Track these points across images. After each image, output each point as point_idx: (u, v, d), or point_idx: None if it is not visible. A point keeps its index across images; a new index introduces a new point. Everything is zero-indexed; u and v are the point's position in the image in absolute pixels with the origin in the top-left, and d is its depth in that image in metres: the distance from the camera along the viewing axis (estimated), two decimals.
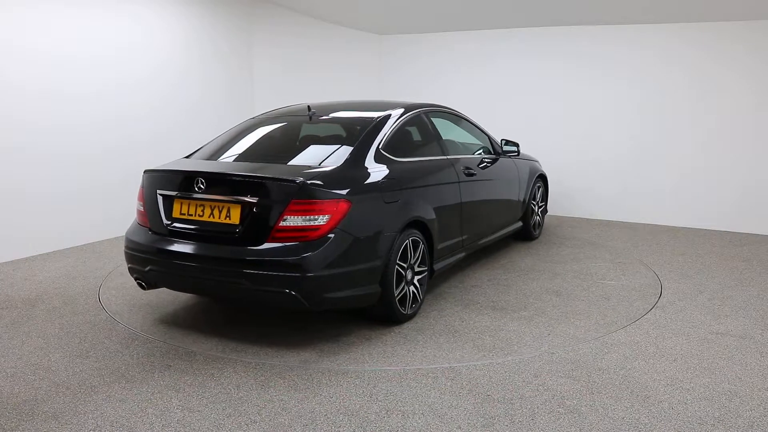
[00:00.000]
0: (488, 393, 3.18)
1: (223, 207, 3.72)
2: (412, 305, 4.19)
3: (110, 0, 6.25)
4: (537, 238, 6.67)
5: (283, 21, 8.16)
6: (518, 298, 4.66)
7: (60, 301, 4.61)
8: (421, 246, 4.23)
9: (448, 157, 4.91)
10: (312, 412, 3.00)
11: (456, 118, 5.53)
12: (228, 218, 3.69)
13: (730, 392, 3.19)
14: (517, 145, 5.94)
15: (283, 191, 3.57)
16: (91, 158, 6.20)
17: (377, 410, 3.01)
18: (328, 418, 2.94)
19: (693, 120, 7.38)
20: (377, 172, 4.04)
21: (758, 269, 5.56)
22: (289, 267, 3.48)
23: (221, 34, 7.47)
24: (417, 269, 4.23)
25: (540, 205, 6.72)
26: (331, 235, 3.57)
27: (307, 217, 3.54)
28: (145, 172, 4.10)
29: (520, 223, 6.26)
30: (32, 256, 5.81)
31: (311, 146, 4.38)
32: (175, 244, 3.80)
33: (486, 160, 5.53)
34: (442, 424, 2.88)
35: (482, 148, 5.72)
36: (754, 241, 6.66)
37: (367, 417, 2.95)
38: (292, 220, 3.54)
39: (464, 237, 4.95)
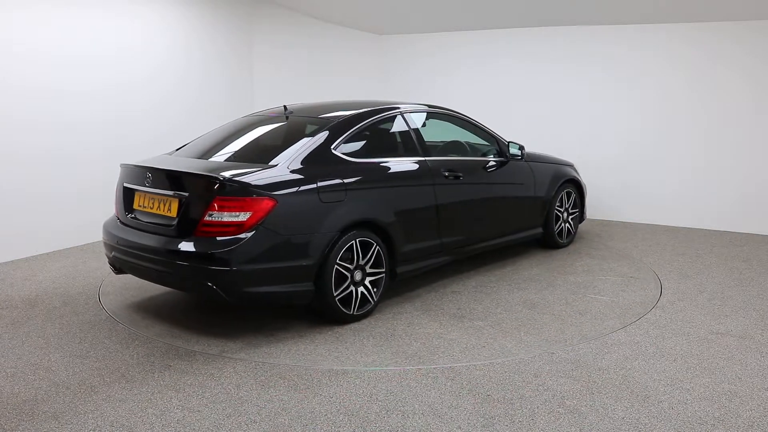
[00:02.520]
0: (488, 393, 3.19)
1: (167, 201, 3.97)
2: (360, 306, 4.18)
3: (110, 0, 6.25)
4: (565, 246, 6.26)
5: (283, 21, 8.16)
6: (487, 308, 4.47)
7: (60, 301, 4.61)
8: (375, 247, 4.22)
9: (425, 159, 4.76)
10: (312, 412, 3.00)
11: (455, 119, 5.41)
12: (169, 211, 3.94)
13: (730, 392, 3.20)
14: (521, 147, 5.65)
15: (209, 187, 3.77)
16: (91, 158, 6.20)
17: (377, 410, 3.01)
18: (328, 418, 2.94)
19: (693, 120, 7.38)
20: (319, 171, 4.05)
21: (758, 269, 5.56)
22: (210, 260, 3.66)
23: (221, 34, 7.47)
24: (369, 271, 4.22)
25: (571, 212, 6.31)
26: (253, 232, 3.68)
27: (230, 213, 3.69)
28: (121, 165, 4.45)
29: (539, 230, 5.95)
30: (32, 256, 5.81)
31: (269, 146, 4.43)
32: (131, 234, 4.12)
33: (486, 162, 5.39)
34: (442, 424, 2.88)
35: (488, 150, 5.54)
36: (754, 241, 6.66)
37: (367, 417, 2.95)
38: (217, 216, 3.71)
39: (444, 241, 4.82)
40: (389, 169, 4.51)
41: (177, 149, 4.87)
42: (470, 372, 3.43)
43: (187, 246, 3.75)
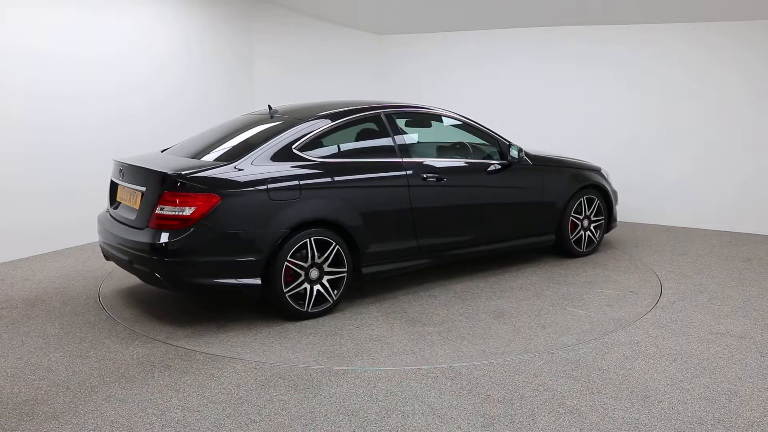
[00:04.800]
0: (488, 393, 3.19)
1: (134, 194, 4.23)
2: (316, 304, 4.23)
3: (110, 0, 6.26)
4: (584, 255, 5.87)
5: (283, 21, 8.16)
6: (450, 314, 4.34)
7: (60, 301, 4.61)
8: (334, 247, 4.25)
9: (401, 160, 4.68)
10: (312, 412, 3.00)
11: (452, 122, 5.29)
12: (135, 204, 4.20)
13: (730, 392, 3.20)
14: (519, 150, 5.34)
15: (161, 183, 4.00)
16: (91, 158, 6.20)
17: (377, 410, 3.01)
18: (328, 418, 2.94)
19: (693, 120, 7.38)
20: (271, 170, 4.13)
21: (758, 269, 5.56)
22: (156, 251, 3.88)
23: (221, 34, 7.47)
24: (328, 269, 4.25)
25: (594, 219, 5.90)
26: (197, 226, 3.87)
27: (176, 207, 3.90)
28: (113, 161, 4.71)
29: (550, 237, 5.64)
30: (32, 256, 5.81)
31: (241, 145, 4.45)
32: (111, 224, 4.41)
33: (481, 165, 5.20)
34: (442, 424, 2.88)
35: (489, 153, 5.33)
36: (754, 241, 6.66)
37: (367, 417, 2.95)
38: (166, 209, 3.92)
39: (421, 244, 4.74)
40: (356, 169, 4.48)
41: (165, 149, 5.05)
42: (470, 372, 3.43)
43: (140, 237, 4.00)
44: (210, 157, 4.33)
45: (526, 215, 5.49)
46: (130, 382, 3.31)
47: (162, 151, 4.96)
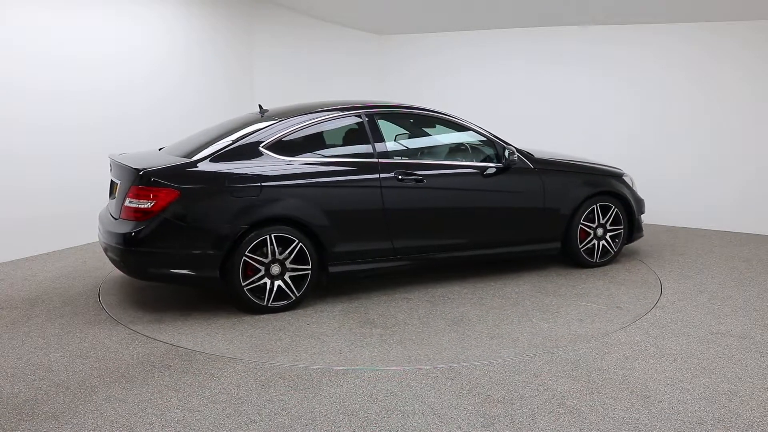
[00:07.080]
0: (488, 393, 3.19)
1: (117, 187, 4.45)
2: (276, 299, 4.32)
3: (110, 0, 6.26)
4: (598, 266, 5.47)
5: (283, 21, 8.16)
6: (407, 318, 4.26)
7: (60, 301, 4.61)
8: (297, 244, 4.31)
9: (377, 161, 4.63)
10: (312, 412, 3.00)
11: (446, 123, 5.16)
12: (116, 196, 4.44)
13: (730, 392, 3.20)
14: (511, 152, 5.06)
15: (130, 177, 4.22)
16: (91, 158, 6.19)
17: (377, 410, 3.01)
18: (328, 418, 2.94)
19: (693, 120, 7.38)
20: (233, 167, 4.28)
21: (758, 269, 5.56)
22: (121, 242, 4.15)
23: (221, 34, 7.47)
24: (290, 266, 4.33)
25: (611, 228, 5.49)
26: (157, 219, 4.08)
27: (141, 201, 4.13)
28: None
29: (555, 245, 5.31)
30: (32, 256, 5.81)
31: (217, 143, 4.48)
32: (104, 216, 4.64)
33: (472, 167, 5.02)
34: (442, 424, 2.88)
35: (487, 155, 5.15)
36: (754, 241, 6.66)
37: (367, 417, 2.95)
38: (133, 202, 4.16)
39: (397, 246, 4.67)
40: (323, 169, 4.51)
41: (161, 147, 5.17)
42: (470, 372, 3.43)
43: (113, 227, 4.28)
44: (200, 155, 4.37)
45: (522, 221, 5.19)
46: (130, 382, 3.31)
47: (159, 149, 5.03)
